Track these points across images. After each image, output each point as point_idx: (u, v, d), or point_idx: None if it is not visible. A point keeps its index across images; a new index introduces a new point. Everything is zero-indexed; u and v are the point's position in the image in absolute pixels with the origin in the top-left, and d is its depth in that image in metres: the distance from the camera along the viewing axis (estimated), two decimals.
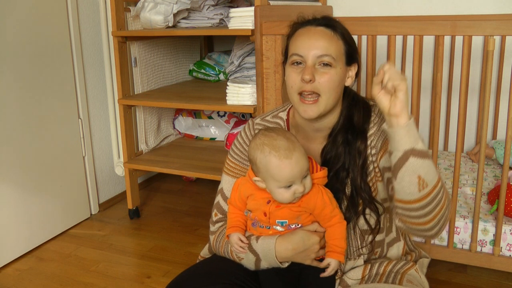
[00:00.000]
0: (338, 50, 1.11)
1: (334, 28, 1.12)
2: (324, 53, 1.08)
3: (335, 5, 2.49)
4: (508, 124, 1.55)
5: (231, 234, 1.15)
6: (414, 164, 0.97)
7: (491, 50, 1.51)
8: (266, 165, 1.04)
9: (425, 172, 0.98)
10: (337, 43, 1.11)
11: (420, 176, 0.98)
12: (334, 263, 1.11)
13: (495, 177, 2.07)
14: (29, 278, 1.91)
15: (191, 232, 2.26)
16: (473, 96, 2.35)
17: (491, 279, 1.78)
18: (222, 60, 2.75)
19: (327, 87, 1.09)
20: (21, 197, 2.06)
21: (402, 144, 0.98)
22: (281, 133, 1.07)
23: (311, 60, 1.09)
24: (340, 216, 1.11)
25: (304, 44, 1.10)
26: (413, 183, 0.99)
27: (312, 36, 1.11)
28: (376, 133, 1.16)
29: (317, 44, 1.09)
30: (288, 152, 1.03)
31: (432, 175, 0.99)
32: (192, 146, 2.59)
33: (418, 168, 0.98)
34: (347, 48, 1.13)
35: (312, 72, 1.08)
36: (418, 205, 1.00)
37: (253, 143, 1.08)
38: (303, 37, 1.12)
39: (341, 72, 1.11)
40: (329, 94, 1.10)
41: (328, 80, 1.09)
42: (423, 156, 0.98)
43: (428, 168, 0.99)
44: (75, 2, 2.26)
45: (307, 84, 1.08)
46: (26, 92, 2.05)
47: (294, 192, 1.05)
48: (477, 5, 2.26)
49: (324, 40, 1.09)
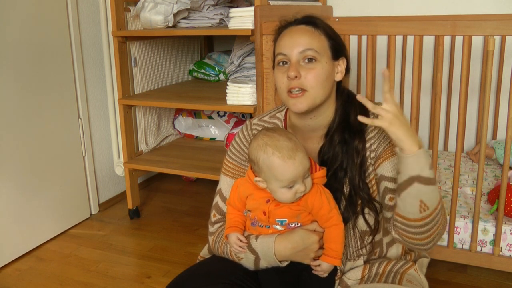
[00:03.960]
0: (321, 45, 1.12)
1: (315, 25, 1.15)
2: (306, 47, 1.10)
3: (335, 5, 2.49)
4: (508, 124, 1.55)
5: (229, 234, 1.15)
6: (418, 189, 1.02)
7: (491, 50, 1.51)
8: (269, 166, 1.04)
9: (428, 197, 1.03)
10: (319, 38, 1.13)
11: (422, 200, 1.03)
12: (325, 265, 1.11)
13: (495, 177, 2.07)
14: (29, 278, 1.91)
15: (191, 232, 2.26)
16: (473, 96, 2.35)
17: (491, 279, 1.78)
18: (222, 60, 2.75)
19: (314, 82, 1.10)
20: (21, 197, 2.06)
21: (409, 169, 1.02)
22: (283, 133, 1.07)
23: (295, 57, 1.11)
24: (337, 218, 1.11)
25: (286, 43, 1.13)
26: (414, 206, 1.04)
27: (294, 34, 1.13)
28: (376, 136, 1.16)
29: (299, 41, 1.11)
30: (292, 152, 1.03)
31: (434, 199, 1.04)
32: (192, 146, 2.59)
33: (421, 194, 1.02)
34: (331, 43, 1.14)
35: (297, 69, 1.10)
36: (418, 224, 1.05)
37: (255, 144, 1.08)
38: (285, 37, 1.14)
39: (327, 67, 1.12)
40: (317, 89, 1.11)
41: (314, 75, 1.10)
42: (427, 182, 1.02)
43: (431, 194, 1.03)
44: (75, 2, 2.26)
45: (293, 81, 1.10)
46: (26, 92, 2.05)
47: (296, 191, 1.05)
48: (477, 5, 2.26)
49: (306, 36, 1.12)
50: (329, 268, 1.12)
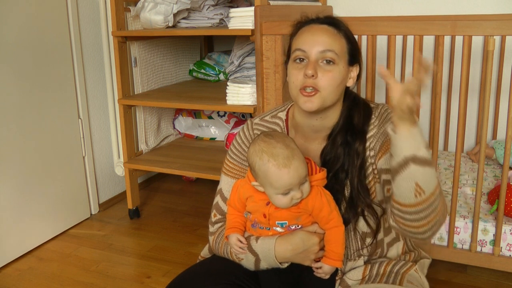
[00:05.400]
0: (341, 48, 1.11)
1: (337, 26, 1.13)
2: (327, 48, 1.09)
3: (335, 5, 2.49)
4: (508, 124, 1.55)
5: (230, 235, 1.15)
6: (414, 171, 0.96)
7: (491, 50, 1.51)
8: (265, 173, 1.04)
9: (424, 179, 0.97)
10: (340, 40, 1.11)
11: (417, 183, 0.97)
12: (327, 267, 1.11)
13: (495, 177, 2.07)
14: (29, 278, 1.91)
15: (191, 232, 2.26)
16: (473, 96, 2.35)
17: (491, 279, 1.78)
18: (222, 60, 2.75)
19: (328, 85, 1.09)
20: (21, 197, 2.06)
21: (404, 149, 0.96)
22: (280, 139, 1.06)
23: (314, 55, 1.09)
24: (338, 220, 1.10)
25: (307, 39, 1.11)
26: (409, 189, 0.98)
27: (315, 32, 1.11)
28: (375, 135, 1.15)
29: (320, 40, 1.09)
30: (287, 160, 1.02)
31: (431, 182, 0.98)
32: (192, 146, 2.59)
33: (416, 176, 0.97)
34: (349, 47, 1.13)
35: (315, 68, 1.08)
36: (413, 210, 1.00)
37: (252, 149, 1.07)
38: (306, 33, 1.12)
39: (343, 71, 1.11)
40: (329, 92, 1.09)
41: (331, 78, 1.08)
42: (424, 163, 0.96)
43: (428, 176, 0.97)
44: (75, 2, 2.26)
45: (309, 79, 1.08)
46: (26, 92, 2.05)
47: (292, 198, 1.05)
48: (477, 5, 2.26)
49: (327, 36, 1.10)
50: (331, 270, 1.12)
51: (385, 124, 1.14)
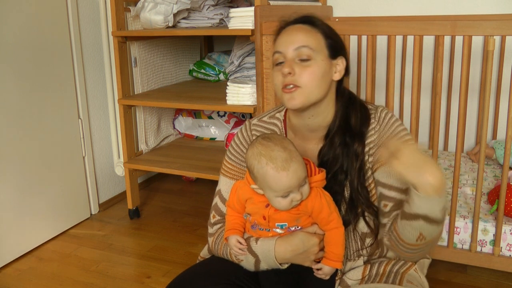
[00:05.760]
0: (317, 42, 1.11)
1: (312, 23, 1.14)
2: (301, 44, 1.10)
3: (335, 5, 2.49)
4: (508, 124, 1.55)
5: (229, 237, 1.15)
6: (421, 225, 1.02)
7: (491, 50, 1.51)
8: (263, 176, 1.04)
9: (429, 232, 1.03)
10: (316, 35, 1.12)
11: (421, 233, 1.03)
12: (327, 269, 1.11)
13: (495, 177, 2.07)
14: (29, 278, 1.91)
15: (191, 232, 2.26)
16: (473, 96, 2.35)
17: (491, 279, 1.78)
18: (222, 60, 2.75)
19: (309, 80, 1.09)
20: (21, 197, 2.06)
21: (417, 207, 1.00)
22: (278, 142, 1.05)
23: (290, 54, 1.10)
24: (338, 221, 1.10)
25: (283, 40, 1.13)
26: (413, 235, 1.04)
27: (291, 32, 1.13)
28: (375, 141, 1.15)
29: (294, 38, 1.11)
30: (285, 163, 1.02)
31: (434, 233, 1.04)
32: (192, 146, 2.59)
33: (423, 229, 1.02)
34: (328, 42, 1.13)
35: (291, 65, 1.09)
36: (411, 247, 1.07)
37: (250, 152, 1.07)
38: (282, 35, 1.15)
39: (323, 65, 1.11)
40: (311, 87, 1.09)
41: (310, 73, 1.09)
42: (433, 223, 1.01)
43: (433, 230, 1.03)
44: (75, 2, 2.26)
45: (288, 78, 1.09)
46: (26, 92, 2.05)
47: (292, 200, 1.05)
48: (477, 5, 2.26)
49: (302, 34, 1.12)
50: (331, 271, 1.12)
51: (386, 134, 1.15)
